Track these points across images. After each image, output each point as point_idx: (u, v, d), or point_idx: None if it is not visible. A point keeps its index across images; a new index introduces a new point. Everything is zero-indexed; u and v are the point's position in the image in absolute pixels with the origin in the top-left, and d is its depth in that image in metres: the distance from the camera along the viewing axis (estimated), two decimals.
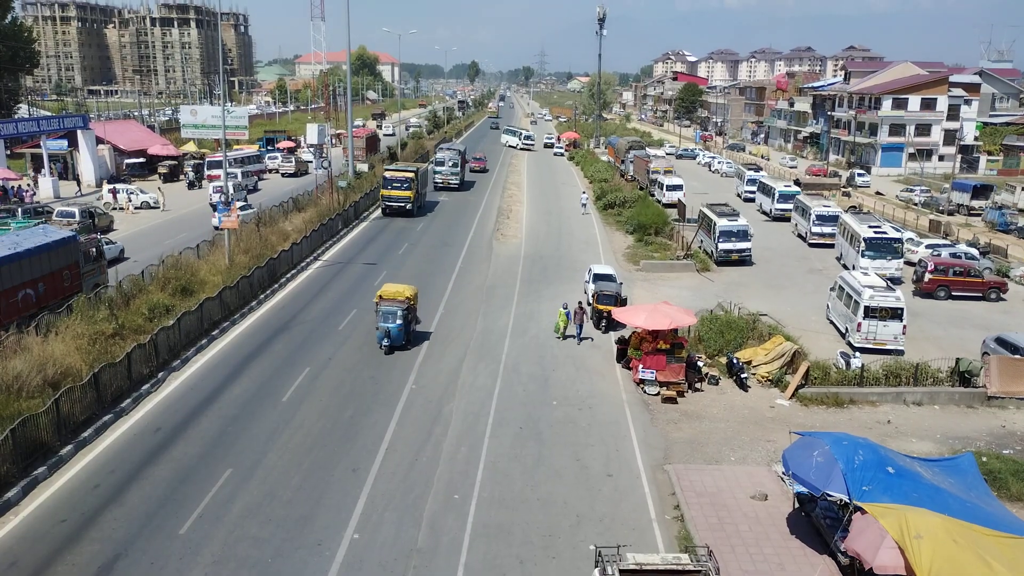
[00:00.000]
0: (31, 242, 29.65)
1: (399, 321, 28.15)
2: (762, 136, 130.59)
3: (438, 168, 67.93)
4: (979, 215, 61.20)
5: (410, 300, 28.84)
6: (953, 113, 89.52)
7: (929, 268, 38.58)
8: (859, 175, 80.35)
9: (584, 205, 61.58)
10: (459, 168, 68.09)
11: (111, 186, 56.58)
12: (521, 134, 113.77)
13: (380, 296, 28.71)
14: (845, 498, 16.33)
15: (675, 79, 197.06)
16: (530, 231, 52.28)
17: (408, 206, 54.74)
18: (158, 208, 54.95)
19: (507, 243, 48.65)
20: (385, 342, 28.22)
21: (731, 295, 34.99)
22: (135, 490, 19.06)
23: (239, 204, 55.24)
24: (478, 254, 45.59)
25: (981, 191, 63.38)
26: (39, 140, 64.05)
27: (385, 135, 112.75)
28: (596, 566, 13.69)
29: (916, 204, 66.73)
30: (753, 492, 19.54)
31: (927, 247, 44.26)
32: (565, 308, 30.88)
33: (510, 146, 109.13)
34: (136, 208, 54.35)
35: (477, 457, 21.24)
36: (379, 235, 50.35)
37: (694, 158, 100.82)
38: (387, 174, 56.15)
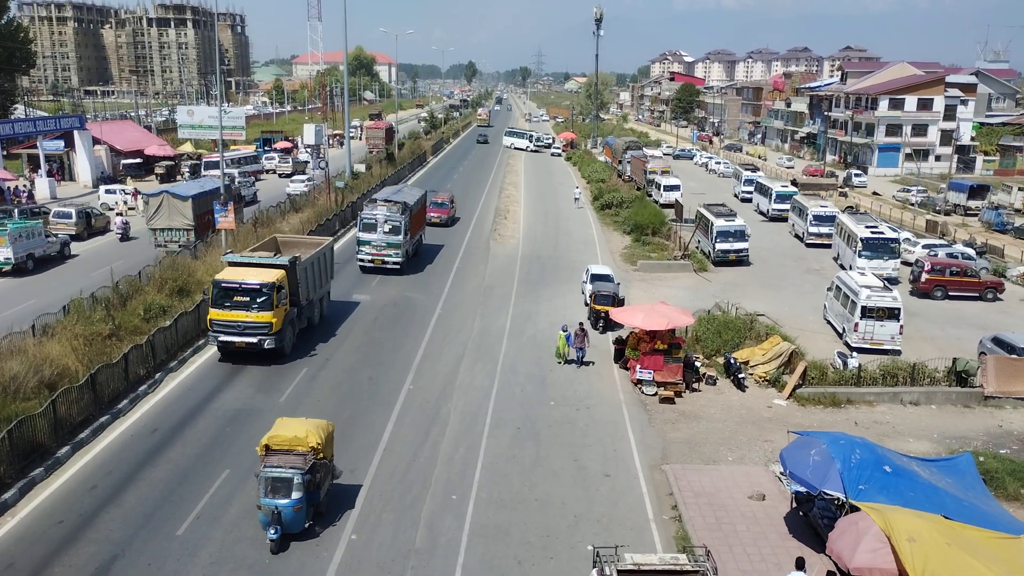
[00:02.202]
0: (208, 185, 45.08)
1: (296, 495, 16.74)
2: (759, 136, 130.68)
3: (365, 236, 39.04)
4: (975, 215, 61.31)
5: (316, 450, 17.32)
6: (949, 113, 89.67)
7: (926, 268, 38.65)
8: (856, 175, 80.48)
9: (577, 199, 62.74)
10: (403, 234, 38.95)
11: (132, 188, 56.88)
12: (532, 136, 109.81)
13: (266, 446, 17.30)
14: (842, 497, 16.36)
15: (672, 79, 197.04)
16: (527, 232, 52.28)
17: (266, 342, 26.76)
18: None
19: (504, 244, 48.64)
20: (272, 533, 16.65)
21: (728, 295, 35.03)
22: (132, 491, 19.03)
23: (307, 177, 56.99)
24: (475, 255, 45.58)
25: (977, 191, 63.49)
26: (35, 140, 63.95)
27: None
28: (594, 566, 13.70)
29: (913, 204, 66.82)
30: (751, 492, 19.56)
31: (924, 247, 44.33)
32: (565, 331, 28.17)
33: (517, 148, 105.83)
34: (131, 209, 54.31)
35: (475, 458, 21.24)
36: None
37: (691, 158, 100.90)
38: (224, 277, 27.25)
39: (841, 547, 15.14)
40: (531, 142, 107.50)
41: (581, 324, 28.66)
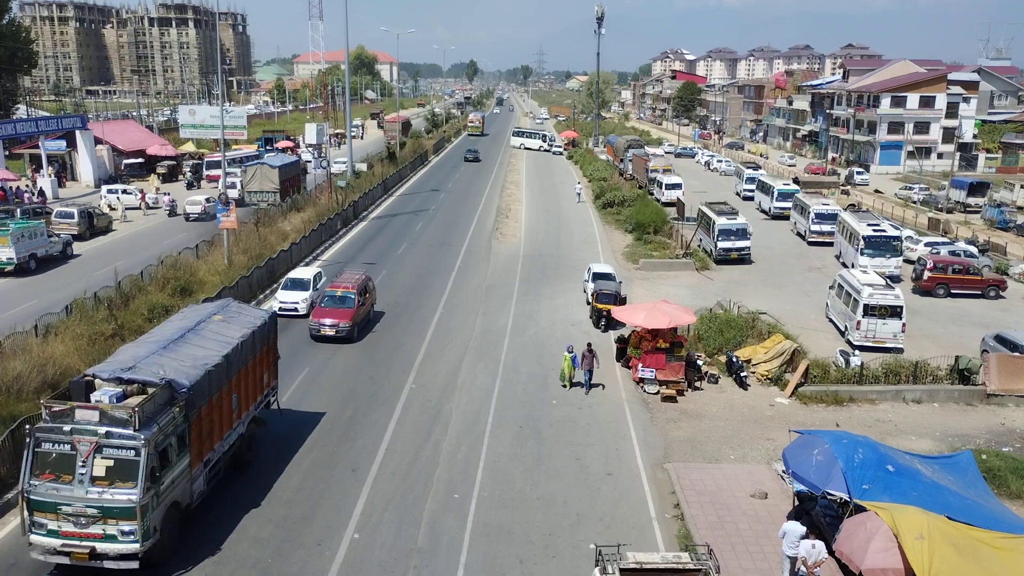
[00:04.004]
0: (284, 160, 57.68)
1: None
2: (761, 134, 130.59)
3: (42, 491, 15.11)
4: (975, 212, 61.40)
5: None
6: (952, 111, 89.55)
7: (928, 266, 38.60)
8: (858, 173, 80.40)
9: (579, 195, 63.71)
10: (142, 482, 15.05)
11: (155, 186, 59.22)
12: (546, 137, 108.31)
13: None
14: (845, 497, 16.33)
15: (674, 78, 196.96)
16: (529, 230, 52.26)
17: None
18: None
19: (506, 242, 48.64)
20: None
21: (730, 293, 34.98)
22: None
23: (345, 161, 64.00)
24: (477, 253, 45.59)
25: (977, 188, 63.82)
26: (37, 140, 64.03)
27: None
28: (596, 565, 13.69)
29: (915, 202, 66.75)
30: (753, 490, 19.54)
31: (926, 245, 44.28)
32: (570, 352, 25.86)
33: (527, 148, 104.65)
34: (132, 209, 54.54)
35: (477, 457, 21.24)
36: (378, 235, 50.33)
37: (693, 157, 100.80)
38: None
39: (851, 549, 15.12)
40: (544, 142, 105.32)
41: (589, 345, 26.04)
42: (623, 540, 15.58)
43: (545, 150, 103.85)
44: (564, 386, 25.84)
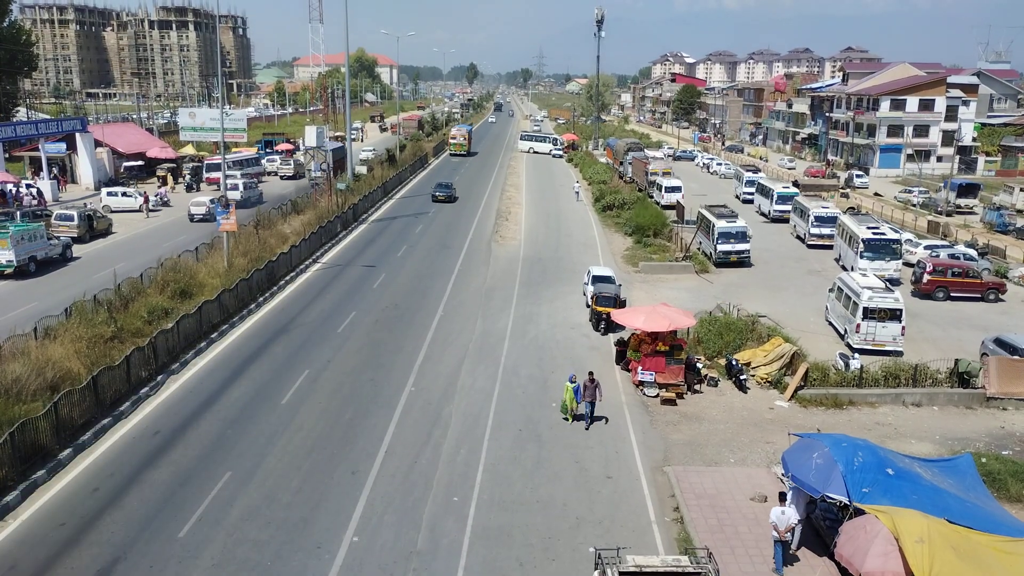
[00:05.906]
0: (334, 146, 67.57)
1: None
2: (760, 137, 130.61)
3: None
4: (967, 213, 62.23)
5: None
6: (951, 114, 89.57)
7: (928, 269, 38.61)
8: (857, 176, 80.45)
9: (577, 193, 65.00)
10: None
11: (165, 189, 62.36)
12: (556, 140, 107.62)
13: None
14: (845, 500, 16.34)
15: (673, 80, 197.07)
16: (529, 233, 52.28)
17: None
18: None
19: (506, 245, 48.64)
20: None
21: (730, 296, 35.01)
22: (134, 493, 19.04)
23: (371, 149, 68.58)
24: (477, 256, 45.59)
25: (967, 189, 64.95)
26: (37, 143, 64.05)
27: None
28: (596, 568, 13.70)
29: (914, 205, 66.78)
30: (753, 494, 19.54)
31: (925, 248, 44.30)
32: (572, 382, 23.65)
33: (536, 152, 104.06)
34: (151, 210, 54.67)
35: (476, 459, 21.24)
36: (378, 237, 50.35)
37: (692, 160, 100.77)
38: None
39: (850, 552, 15.13)
40: (554, 146, 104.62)
41: (591, 374, 23.74)
42: (622, 543, 15.59)
43: (555, 155, 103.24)
44: (566, 419, 23.64)
